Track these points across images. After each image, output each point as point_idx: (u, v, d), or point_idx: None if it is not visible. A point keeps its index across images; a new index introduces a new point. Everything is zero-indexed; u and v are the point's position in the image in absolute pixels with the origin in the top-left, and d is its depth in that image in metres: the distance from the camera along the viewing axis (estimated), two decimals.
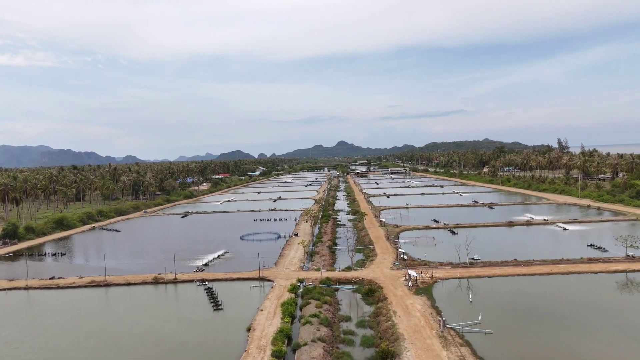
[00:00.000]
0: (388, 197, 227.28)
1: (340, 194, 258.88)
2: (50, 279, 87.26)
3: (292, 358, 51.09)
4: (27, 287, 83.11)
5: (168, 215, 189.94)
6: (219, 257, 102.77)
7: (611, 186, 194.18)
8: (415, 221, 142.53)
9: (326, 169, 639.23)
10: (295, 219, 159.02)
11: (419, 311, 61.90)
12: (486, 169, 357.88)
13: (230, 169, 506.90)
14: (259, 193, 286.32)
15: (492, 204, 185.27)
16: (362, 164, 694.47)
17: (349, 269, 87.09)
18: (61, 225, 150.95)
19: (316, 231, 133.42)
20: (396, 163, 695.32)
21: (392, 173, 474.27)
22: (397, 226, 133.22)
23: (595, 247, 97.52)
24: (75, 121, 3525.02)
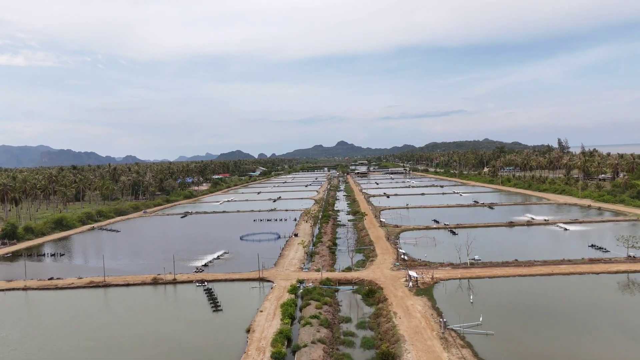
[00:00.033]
0: (388, 197, 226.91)
1: (340, 194, 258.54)
2: (49, 279, 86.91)
3: None
4: (25, 288, 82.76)
5: (168, 215, 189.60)
6: (218, 257, 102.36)
7: (612, 186, 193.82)
8: (415, 221, 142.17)
9: (326, 169, 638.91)
10: (295, 219, 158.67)
11: (420, 312, 61.51)
12: (486, 169, 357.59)
13: (230, 169, 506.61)
14: (258, 193, 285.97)
15: (493, 204, 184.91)
16: (362, 164, 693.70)
17: (349, 269, 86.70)
18: (60, 225, 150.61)
19: (316, 231, 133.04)
20: (396, 163, 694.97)
21: (392, 173, 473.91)
22: (397, 226, 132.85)
23: (596, 247, 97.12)
24: (75, 121, 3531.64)
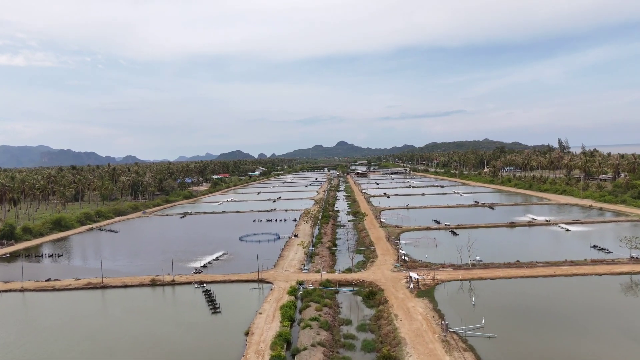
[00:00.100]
0: (388, 197, 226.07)
1: (340, 194, 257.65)
2: (46, 280, 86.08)
3: None
4: (22, 289, 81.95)
5: (167, 215, 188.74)
6: (217, 258, 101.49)
7: (613, 186, 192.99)
8: (416, 222, 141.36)
9: (326, 169, 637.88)
10: (295, 220, 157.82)
11: (421, 314, 60.69)
12: (487, 169, 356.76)
13: (229, 169, 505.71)
14: (258, 193, 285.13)
15: (493, 204, 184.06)
16: (362, 164, 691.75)
17: (349, 270, 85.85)
18: (59, 226, 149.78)
19: (316, 232, 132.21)
20: (396, 163, 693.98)
21: (392, 173, 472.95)
22: (397, 227, 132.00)
23: (598, 248, 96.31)
24: (75, 121, 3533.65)
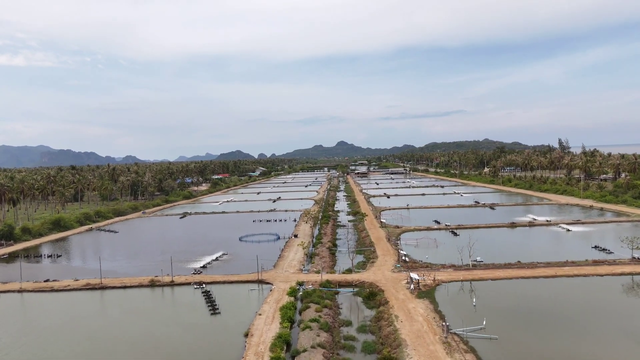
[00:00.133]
0: (388, 197, 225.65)
1: (340, 195, 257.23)
2: (44, 281, 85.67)
3: None
4: (21, 290, 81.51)
5: (166, 216, 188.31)
6: (217, 259, 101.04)
7: (613, 187, 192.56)
8: (416, 222, 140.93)
9: (326, 169, 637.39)
10: (295, 220, 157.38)
11: (422, 315, 60.25)
12: (487, 169, 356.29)
13: (229, 169, 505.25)
14: (258, 193, 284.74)
15: (494, 204, 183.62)
16: (362, 164, 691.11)
17: (349, 271, 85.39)
18: (58, 226, 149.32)
19: (316, 232, 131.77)
20: (396, 163, 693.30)
21: (392, 173, 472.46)
22: (398, 227, 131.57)
23: (599, 248, 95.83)
24: (75, 121, 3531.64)
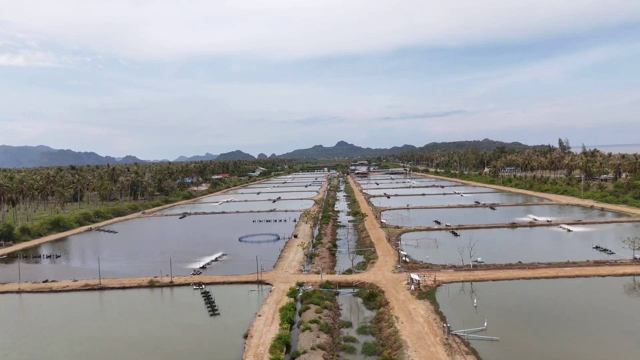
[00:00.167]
0: (389, 197, 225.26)
1: (340, 195, 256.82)
2: (43, 282, 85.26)
3: None
4: (19, 291, 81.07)
5: (166, 216, 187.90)
6: (216, 259, 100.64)
7: (614, 187, 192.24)
8: (416, 222, 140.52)
9: (326, 169, 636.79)
10: (295, 220, 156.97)
11: (422, 317, 59.84)
12: (487, 169, 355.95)
13: (229, 169, 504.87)
14: (258, 193, 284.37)
15: (494, 204, 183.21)
16: (362, 164, 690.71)
17: (349, 271, 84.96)
18: (57, 226, 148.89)
19: (316, 232, 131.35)
20: (396, 163, 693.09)
21: (392, 173, 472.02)
22: (398, 227, 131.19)
23: (600, 249, 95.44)
24: (75, 121, 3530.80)
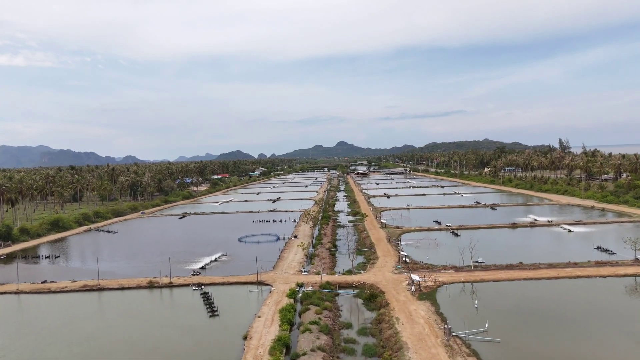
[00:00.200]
0: (389, 197, 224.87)
1: (340, 195, 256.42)
2: (42, 282, 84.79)
3: None
4: (17, 292, 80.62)
5: (166, 216, 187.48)
6: (216, 260, 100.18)
7: (615, 187, 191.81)
8: (416, 222, 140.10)
9: (326, 169, 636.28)
10: (295, 220, 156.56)
11: (423, 318, 59.41)
12: (487, 170, 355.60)
13: (229, 169, 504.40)
14: (258, 194, 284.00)
15: (494, 204, 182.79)
16: (362, 164, 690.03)
17: (349, 272, 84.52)
18: (56, 226, 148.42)
19: (316, 233, 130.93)
20: (396, 163, 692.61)
21: (392, 173, 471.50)
22: (398, 228, 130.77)
23: (602, 249, 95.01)
24: (75, 122, 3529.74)
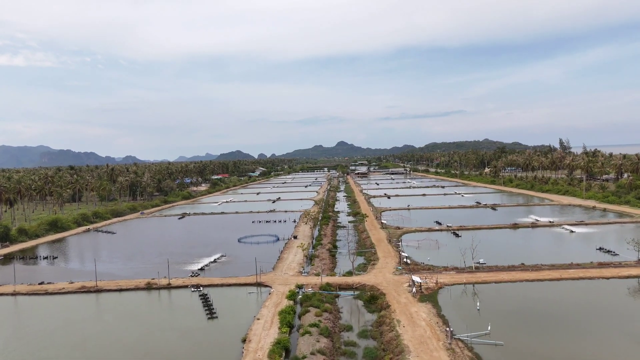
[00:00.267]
0: (389, 198, 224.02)
1: (341, 195, 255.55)
2: (39, 284, 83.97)
3: None
4: (14, 293, 79.85)
5: (165, 216, 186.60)
6: (215, 261, 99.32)
7: (616, 187, 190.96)
8: (417, 223, 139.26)
9: (326, 169, 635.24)
10: (295, 221, 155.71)
11: (425, 320, 58.59)
12: (487, 170, 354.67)
13: (229, 169, 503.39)
14: (258, 194, 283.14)
15: (495, 205, 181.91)
16: (362, 164, 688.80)
17: (350, 273, 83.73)
18: (55, 227, 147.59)
19: (316, 233, 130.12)
20: (396, 163, 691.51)
21: (392, 173, 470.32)
22: (398, 228, 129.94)
23: (604, 250, 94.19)
24: (75, 122, 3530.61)
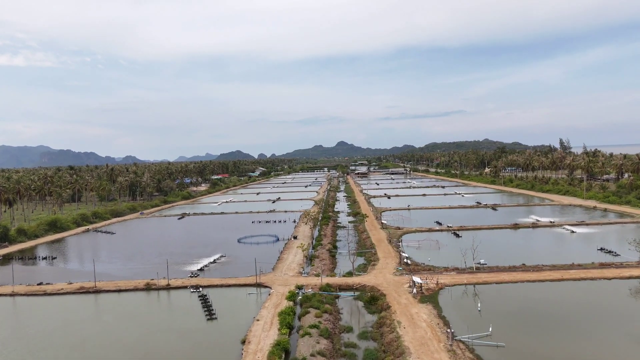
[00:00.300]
0: (389, 198, 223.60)
1: (341, 195, 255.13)
2: (37, 284, 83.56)
3: None
4: (13, 294, 79.43)
5: (165, 216, 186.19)
6: (214, 261, 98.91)
7: (617, 187, 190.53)
8: (417, 223, 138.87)
9: (326, 169, 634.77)
10: (295, 221, 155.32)
11: (425, 321, 58.18)
12: (488, 170, 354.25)
13: (229, 169, 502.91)
14: (257, 194, 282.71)
15: (495, 205, 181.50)
16: (362, 164, 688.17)
17: (350, 274, 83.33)
18: (54, 227, 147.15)
19: (316, 234, 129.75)
20: (396, 163, 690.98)
21: (392, 173, 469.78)
22: (399, 228, 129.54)
23: (605, 251, 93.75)
24: (75, 122, 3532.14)
